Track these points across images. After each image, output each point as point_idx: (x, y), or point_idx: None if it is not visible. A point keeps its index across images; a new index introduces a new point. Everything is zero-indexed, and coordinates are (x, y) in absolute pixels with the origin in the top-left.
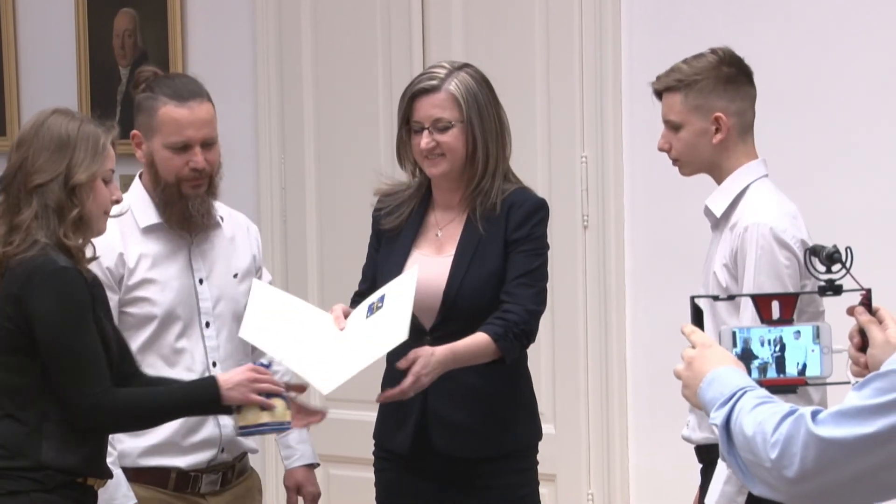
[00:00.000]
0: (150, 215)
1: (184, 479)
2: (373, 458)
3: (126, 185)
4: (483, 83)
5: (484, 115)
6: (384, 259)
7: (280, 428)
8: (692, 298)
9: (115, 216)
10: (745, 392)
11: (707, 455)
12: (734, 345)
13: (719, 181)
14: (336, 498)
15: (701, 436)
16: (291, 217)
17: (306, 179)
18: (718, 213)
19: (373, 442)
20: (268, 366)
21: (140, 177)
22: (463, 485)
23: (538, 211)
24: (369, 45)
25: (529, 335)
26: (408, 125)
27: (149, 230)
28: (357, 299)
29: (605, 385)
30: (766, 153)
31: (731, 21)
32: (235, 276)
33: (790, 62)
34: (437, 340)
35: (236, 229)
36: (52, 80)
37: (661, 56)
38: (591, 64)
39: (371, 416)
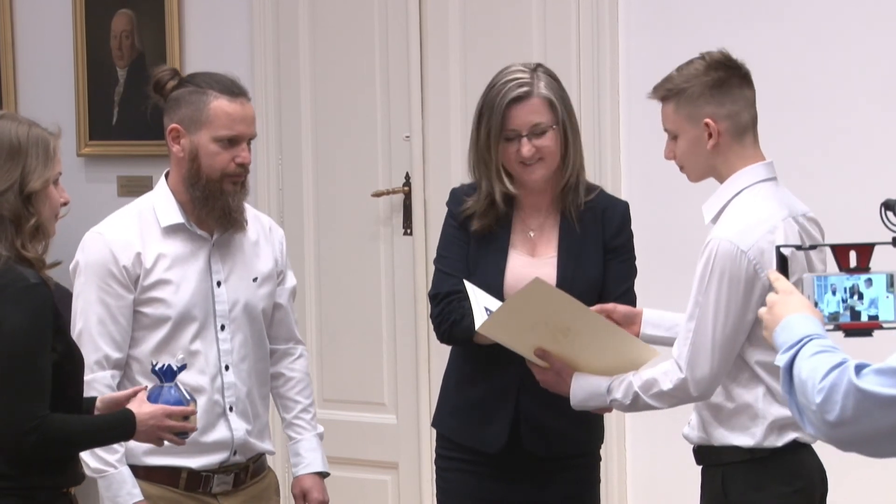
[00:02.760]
0: (173, 215)
1: (195, 479)
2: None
3: (125, 185)
4: (559, 81)
5: (570, 114)
6: (476, 260)
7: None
8: (777, 247)
9: (61, 217)
10: (811, 339)
11: (704, 457)
12: (813, 292)
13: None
14: (333, 499)
15: (698, 435)
16: (289, 218)
17: (303, 181)
18: (708, 219)
19: (430, 440)
20: (176, 370)
21: (166, 177)
22: (539, 481)
23: (629, 215)
24: (366, 46)
25: None
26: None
27: (170, 230)
28: (462, 299)
29: None
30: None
31: (727, 23)
32: (255, 279)
33: (787, 63)
34: None
35: (261, 232)
36: (50, 81)
37: (658, 58)
38: (589, 65)
39: (368, 417)
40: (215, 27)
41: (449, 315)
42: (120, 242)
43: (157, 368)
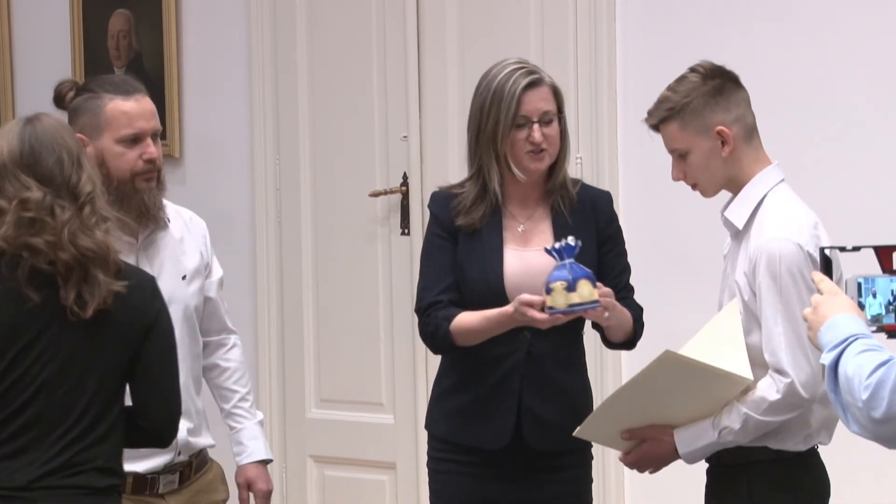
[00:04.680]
0: None
1: (141, 483)
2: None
3: None
4: None
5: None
6: (469, 259)
7: (591, 307)
8: (821, 249)
9: None
10: (856, 339)
11: (722, 455)
12: (859, 294)
13: (736, 192)
14: (331, 499)
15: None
16: (286, 218)
17: (301, 180)
18: (741, 224)
19: (419, 441)
20: (573, 246)
21: None
22: (536, 479)
23: (613, 205)
24: (364, 46)
25: (636, 340)
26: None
27: None
28: (438, 310)
29: (600, 385)
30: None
31: (725, 23)
32: (184, 277)
33: (785, 63)
34: (535, 333)
35: (183, 229)
36: (48, 82)
37: (656, 57)
38: (586, 65)
39: (366, 417)
40: (213, 27)
41: (426, 328)
42: None
43: (552, 247)
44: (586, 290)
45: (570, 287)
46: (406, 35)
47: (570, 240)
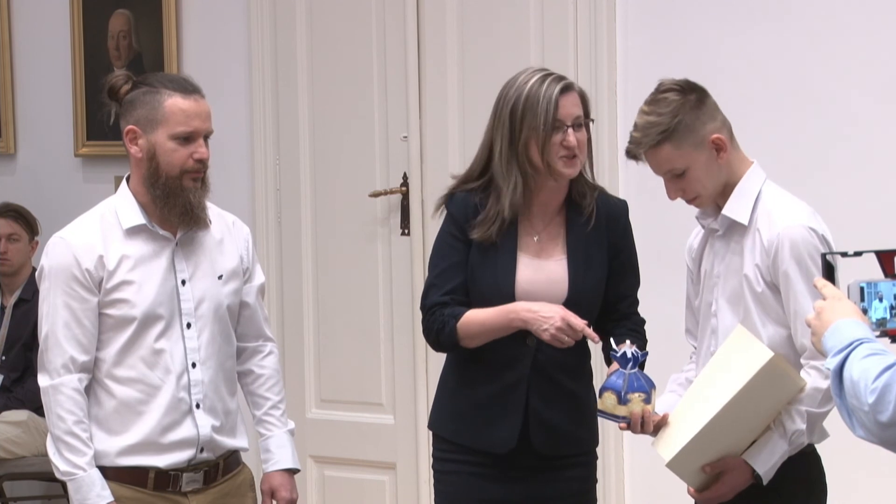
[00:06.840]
0: (134, 217)
1: (163, 478)
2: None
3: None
4: None
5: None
6: (482, 265)
7: (625, 420)
8: (823, 255)
9: None
10: (861, 343)
11: None
12: (861, 299)
13: (727, 193)
14: (331, 499)
15: None
16: (286, 218)
17: (301, 180)
18: (745, 219)
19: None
20: (632, 357)
21: (127, 180)
22: (542, 480)
23: (628, 214)
24: (364, 46)
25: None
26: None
27: (132, 232)
28: (444, 308)
29: (599, 384)
30: (760, 153)
31: (725, 24)
32: (220, 277)
33: (785, 63)
34: (540, 342)
35: (225, 230)
36: (48, 82)
37: (656, 57)
38: (586, 66)
39: (365, 417)
40: (212, 27)
41: (431, 326)
42: (82, 246)
43: (624, 354)
44: (653, 399)
45: (647, 399)
46: (406, 35)
47: (637, 349)
